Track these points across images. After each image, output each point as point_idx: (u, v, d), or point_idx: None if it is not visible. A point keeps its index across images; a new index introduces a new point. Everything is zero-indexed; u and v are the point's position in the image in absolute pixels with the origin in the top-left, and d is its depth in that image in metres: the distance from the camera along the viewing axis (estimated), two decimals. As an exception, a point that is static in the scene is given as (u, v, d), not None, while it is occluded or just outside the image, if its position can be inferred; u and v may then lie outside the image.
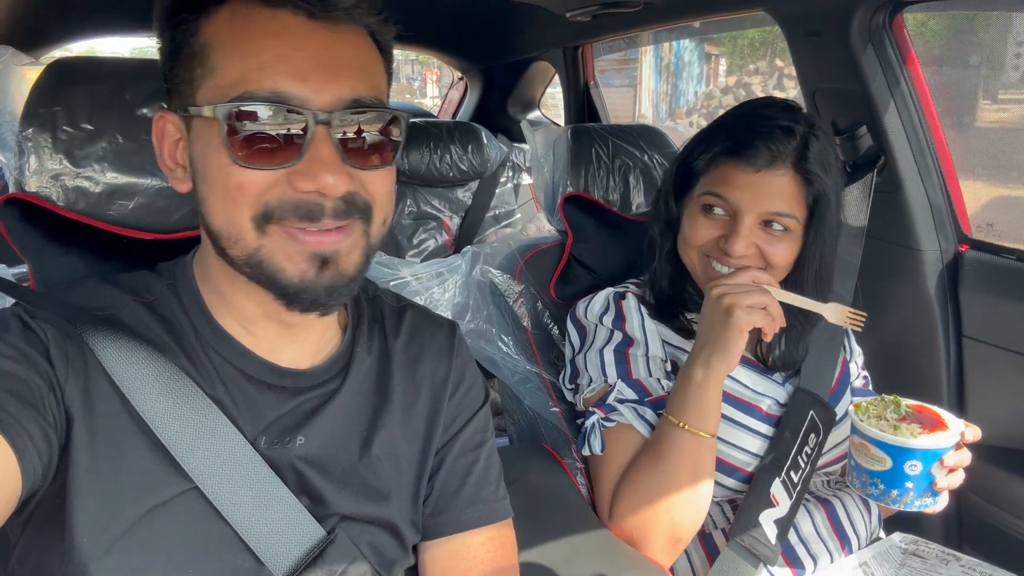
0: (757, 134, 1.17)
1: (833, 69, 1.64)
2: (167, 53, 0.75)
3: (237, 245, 0.72)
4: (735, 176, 1.19)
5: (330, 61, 0.71)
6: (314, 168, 0.69)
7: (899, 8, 1.54)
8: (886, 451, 1.07)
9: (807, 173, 1.17)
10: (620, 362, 1.28)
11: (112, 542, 0.70)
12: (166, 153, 0.78)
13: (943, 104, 1.68)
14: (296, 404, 0.82)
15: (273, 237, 0.71)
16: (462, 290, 1.53)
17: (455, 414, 0.95)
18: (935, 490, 1.07)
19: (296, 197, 0.70)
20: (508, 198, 2.92)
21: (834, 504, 1.29)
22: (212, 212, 0.73)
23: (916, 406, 1.12)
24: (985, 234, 1.69)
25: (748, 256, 1.19)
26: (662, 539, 1.15)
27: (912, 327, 1.71)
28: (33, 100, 0.93)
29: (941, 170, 1.66)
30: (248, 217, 0.70)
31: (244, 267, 0.74)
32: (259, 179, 0.70)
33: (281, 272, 0.72)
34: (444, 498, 0.92)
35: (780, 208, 1.17)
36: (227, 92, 0.69)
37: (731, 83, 14.85)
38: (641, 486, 1.17)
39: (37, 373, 0.69)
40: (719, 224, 1.21)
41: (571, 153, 1.59)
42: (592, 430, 1.25)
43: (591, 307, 1.37)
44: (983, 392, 1.63)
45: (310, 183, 0.69)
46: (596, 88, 2.99)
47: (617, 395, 1.25)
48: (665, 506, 1.14)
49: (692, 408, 1.14)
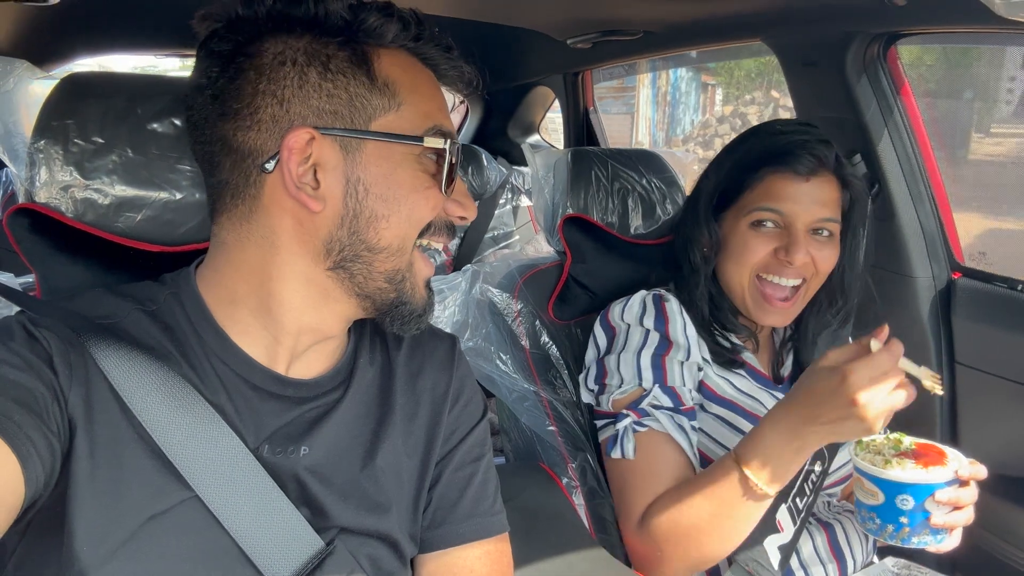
0: (799, 144, 1.21)
1: (828, 98, 1.68)
2: (319, 71, 0.76)
3: (393, 258, 0.81)
4: (783, 187, 1.21)
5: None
6: (467, 200, 0.85)
7: (893, 40, 1.58)
8: (878, 485, 1.07)
9: (845, 177, 1.22)
10: (657, 367, 1.25)
11: (111, 551, 0.69)
12: (310, 177, 0.78)
13: (938, 137, 1.72)
14: (299, 413, 0.82)
15: (416, 255, 0.83)
16: (461, 308, 1.54)
17: (454, 427, 0.95)
18: (933, 527, 1.05)
19: (445, 218, 0.83)
20: (507, 219, 2.94)
21: (834, 527, 1.29)
22: (387, 228, 0.79)
23: (921, 444, 1.11)
24: (978, 263, 1.72)
25: (806, 264, 1.22)
26: (682, 566, 1.14)
27: (905, 353, 1.72)
28: (46, 113, 0.95)
29: (934, 198, 1.69)
30: (416, 231, 0.81)
31: (383, 281, 0.81)
32: (436, 201, 0.81)
33: (415, 295, 0.84)
34: (442, 511, 0.92)
35: (827, 214, 1.22)
36: (421, 125, 0.80)
37: (727, 112, 15.00)
38: (689, 516, 1.11)
39: (41, 381, 0.70)
40: (772, 237, 1.23)
41: (571, 175, 1.62)
42: (625, 433, 1.22)
43: (629, 309, 1.33)
44: (976, 419, 1.65)
45: (465, 212, 0.85)
46: (595, 113, 3.03)
47: (653, 400, 1.22)
48: (702, 542, 1.12)
49: (772, 471, 1.05)
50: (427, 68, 0.84)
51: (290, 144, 0.75)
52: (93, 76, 1.00)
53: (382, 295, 0.81)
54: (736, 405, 1.27)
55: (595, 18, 2.02)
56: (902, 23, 1.48)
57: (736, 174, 1.27)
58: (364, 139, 0.77)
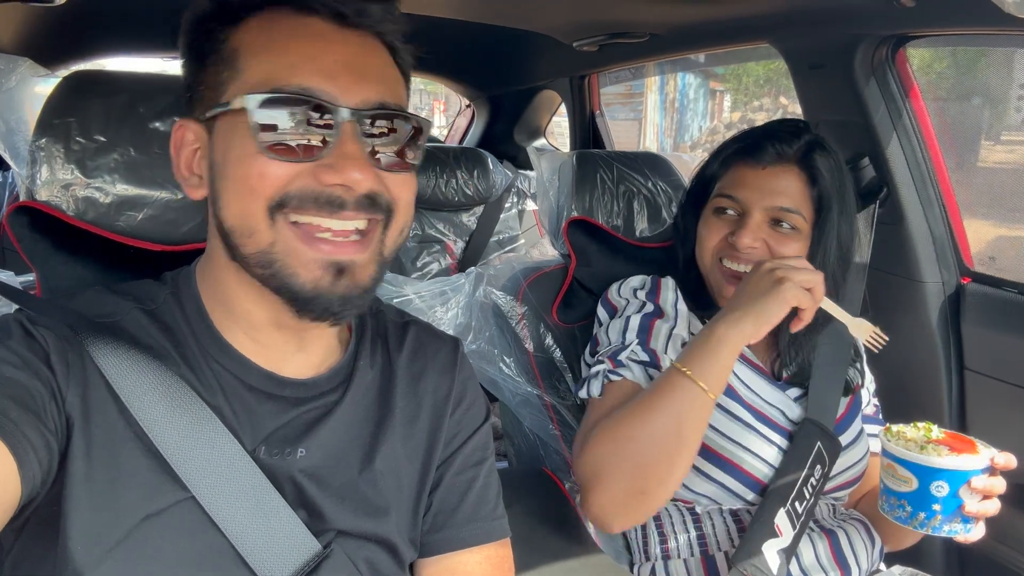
0: (764, 136, 1.26)
1: (836, 101, 1.67)
2: (193, 61, 0.77)
3: (251, 240, 0.73)
4: (744, 175, 1.27)
5: (358, 65, 0.73)
6: (340, 163, 0.71)
7: (902, 43, 1.57)
8: (912, 471, 1.05)
9: (812, 170, 1.23)
10: (644, 328, 1.29)
11: (106, 551, 0.69)
12: (183, 163, 0.79)
13: (948, 144, 1.70)
14: (297, 415, 0.81)
15: (284, 234, 0.72)
16: (465, 310, 1.54)
17: (456, 430, 0.94)
18: (965, 515, 1.04)
19: (319, 188, 0.71)
20: (512, 223, 2.94)
21: (838, 534, 1.27)
22: (226, 206, 0.74)
23: (950, 433, 1.11)
24: (987, 268, 1.70)
25: (756, 250, 1.24)
26: (623, 483, 1.09)
27: (914, 359, 1.71)
28: (48, 111, 0.95)
29: (943, 202, 1.67)
30: (263, 207, 0.71)
31: (256, 267, 0.74)
32: (283, 171, 0.71)
33: (294, 277, 0.73)
34: (442, 515, 0.91)
35: (786, 204, 1.24)
36: (256, 88, 0.71)
37: (735, 119, 14.97)
38: (621, 422, 1.11)
39: (39, 380, 0.69)
40: (730, 223, 1.28)
41: (576, 178, 1.61)
42: (595, 376, 1.25)
43: (626, 283, 1.41)
44: (985, 425, 1.62)
45: (336, 176, 0.71)
46: (601, 117, 3.02)
47: (631, 354, 1.25)
48: (637, 446, 1.08)
49: (701, 358, 1.10)
50: (306, 17, 0.74)
51: (173, 136, 0.79)
52: (95, 75, 1.00)
53: (268, 282, 0.74)
54: (732, 391, 1.27)
55: (601, 21, 2.01)
56: (910, 25, 1.47)
57: (714, 167, 1.34)
58: (214, 118, 0.74)
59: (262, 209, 0.71)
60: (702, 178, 1.36)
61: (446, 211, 2.77)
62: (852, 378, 1.39)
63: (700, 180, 1.37)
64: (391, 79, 0.78)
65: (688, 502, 1.28)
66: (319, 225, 0.72)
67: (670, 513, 1.29)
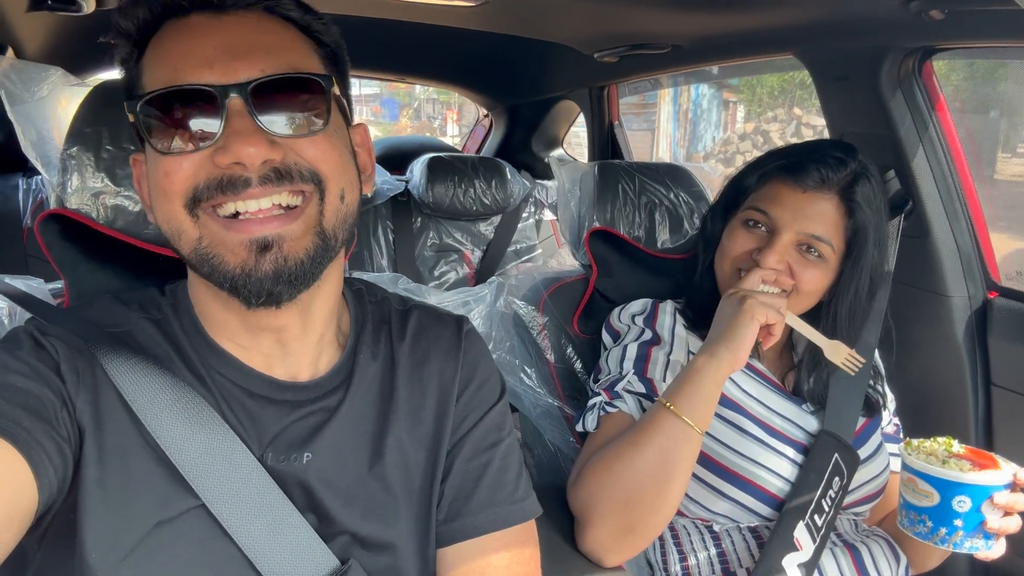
0: (811, 158, 1.23)
1: (861, 113, 1.65)
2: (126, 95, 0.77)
3: (182, 241, 0.73)
4: (782, 194, 1.24)
5: (236, 46, 0.72)
6: (230, 141, 0.70)
7: (929, 54, 1.56)
8: (934, 485, 1.04)
9: (851, 203, 1.21)
10: (641, 357, 1.28)
11: (120, 559, 0.69)
12: (144, 193, 0.80)
13: (972, 153, 1.69)
14: (298, 417, 0.81)
15: (209, 226, 0.72)
16: (486, 320, 1.53)
17: (464, 413, 0.91)
18: (987, 532, 1.03)
19: (219, 173, 0.70)
20: (529, 233, 2.93)
21: (861, 550, 1.25)
22: (158, 217, 0.76)
23: (970, 448, 1.09)
24: (1014, 283, 1.67)
25: (778, 272, 1.21)
26: (612, 519, 1.09)
27: (939, 374, 1.68)
28: (79, 120, 0.96)
29: (970, 216, 1.65)
30: (180, 205, 0.71)
31: (197, 267, 0.74)
32: (185, 165, 0.71)
33: (224, 264, 0.72)
34: (457, 503, 0.88)
35: (818, 232, 1.21)
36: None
37: (748, 129, 14.96)
38: (609, 458, 1.12)
39: (50, 389, 0.70)
40: (757, 238, 1.26)
41: (597, 188, 1.61)
42: (591, 409, 1.24)
43: (627, 309, 1.41)
44: (1012, 442, 1.60)
45: (228, 156, 0.69)
46: (620, 128, 3.02)
47: (627, 385, 1.24)
48: (624, 483, 1.09)
49: (684, 393, 1.10)
50: (185, 19, 0.74)
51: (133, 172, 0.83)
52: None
53: (212, 279, 0.74)
54: (741, 407, 1.26)
55: (623, 32, 2.01)
56: (939, 37, 1.46)
57: (750, 179, 1.31)
58: (143, 142, 0.75)
59: (180, 207, 0.72)
60: (738, 186, 1.34)
61: (464, 220, 2.77)
62: (873, 396, 1.37)
63: (735, 188, 1.35)
64: (284, 48, 0.75)
65: (706, 520, 1.26)
66: (237, 210, 0.71)
67: (688, 531, 1.28)
